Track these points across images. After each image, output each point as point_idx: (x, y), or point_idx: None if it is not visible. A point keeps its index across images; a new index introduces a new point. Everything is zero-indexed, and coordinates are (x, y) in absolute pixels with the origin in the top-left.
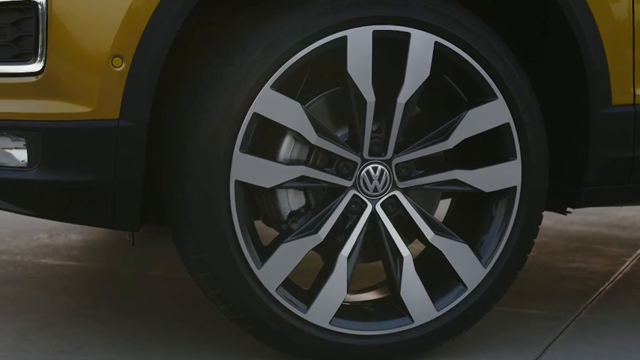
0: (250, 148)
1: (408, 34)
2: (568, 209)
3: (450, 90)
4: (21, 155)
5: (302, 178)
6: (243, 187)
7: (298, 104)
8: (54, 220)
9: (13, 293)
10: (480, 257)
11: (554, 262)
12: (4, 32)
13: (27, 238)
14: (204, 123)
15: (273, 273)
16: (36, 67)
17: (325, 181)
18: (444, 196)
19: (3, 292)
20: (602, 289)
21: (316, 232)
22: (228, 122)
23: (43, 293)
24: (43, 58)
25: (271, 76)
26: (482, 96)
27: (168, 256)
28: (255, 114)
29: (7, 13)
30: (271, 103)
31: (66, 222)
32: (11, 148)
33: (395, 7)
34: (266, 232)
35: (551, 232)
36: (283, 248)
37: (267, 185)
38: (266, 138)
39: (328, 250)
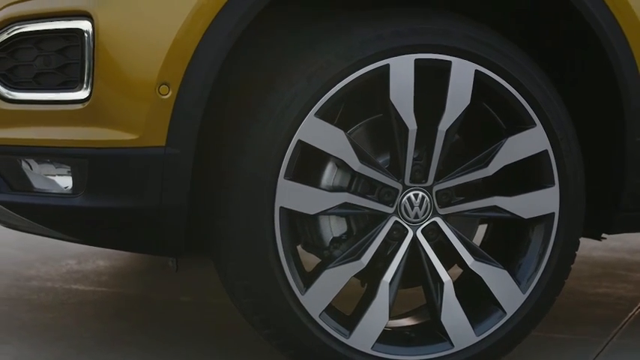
0: (294, 175)
1: (449, 63)
2: (603, 235)
3: (489, 117)
4: (64, 182)
5: (345, 205)
6: (287, 213)
7: (341, 132)
8: (97, 246)
9: (46, 319)
10: (518, 283)
11: (580, 287)
12: (49, 60)
13: (56, 264)
14: (249, 150)
15: (316, 298)
16: (82, 94)
17: (368, 208)
18: (480, 222)
19: (37, 319)
20: (630, 314)
21: (359, 258)
22: (273, 149)
23: (77, 319)
24: (90, 86)
25: (315, 104)
26: (521, 123)
27: (195, 281)
28: (299, 141)
29: (53, 41)
30: (315, 131)
31: (110, 248)
32: (54, 175)
33: (436, 36)
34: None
35: (576, 258)
36: (327, 274)
37: (312, 212)
38: (308, 164)
39: (370, 276)
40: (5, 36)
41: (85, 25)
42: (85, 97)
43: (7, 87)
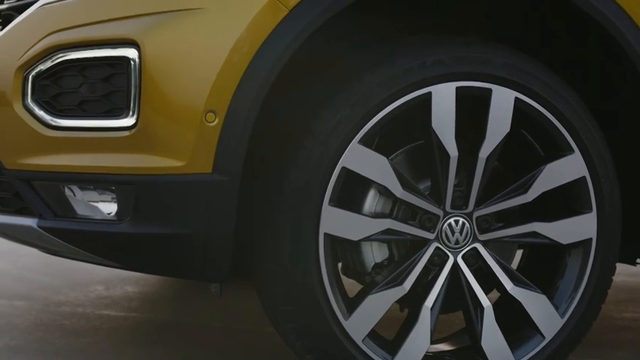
0: (338, 201)
1: (490, 90)
2: (638, 260)
3: (527, 144)
4: (107, 208)
5: (388, 231)
6: (331, 239)
7: (385, 158)
8: (141, 272)
9: (81, 344)
10: (556, 307)
11: (607, 312)
12: (94, 87)
13: (84, 290)
14: (294, 177)
15: (360, 324)
16: (128, 121)
17: (410, 234)
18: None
19: (72, 344)
20: None
21: (401, 283)
22: (318, 176)
23: (112, 344)
24: (136, 113)
25: (359, 131)
26: (559, 150)
27: (223, 306)
28: (343, 168)
29: (98, 69)
30: (359, 158)
31: (154, 274)
32: (97, 201)
33: (477, 64)
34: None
35: None
36: (370, 299)
37: (355, 238)
38: (350, 191)
39: (412, 301)
40: (49, 63)
41: (131, 53)
42: (132, 124)
43: (50, 114)
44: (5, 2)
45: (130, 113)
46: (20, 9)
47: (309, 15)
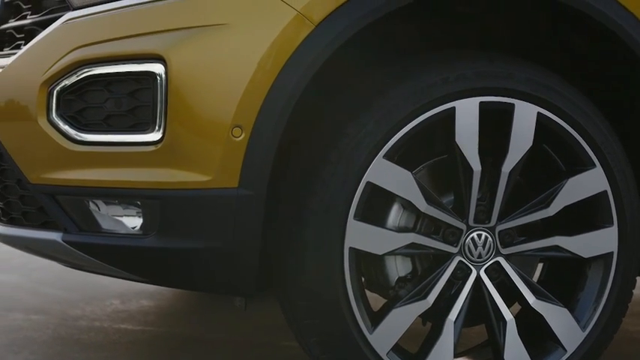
0: (362, 215)
1: (512, 105)
2: None
3: (549, 158)
4: (132, 222)
5: (412, 245)
6: (356, 253)
7: (409, 173)
8: (166, 286)
9: (101, 359)
10: (577, 320)
11: (623, 324)
12: (119, 102)
13: (100, 304)
14: (319, 191)
15: (384, 337)
16: (154, 136)
17: (433, 248)
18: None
19: (91, 358)
20: None
21: (425, 297)
22: (343, 191)
23: (131, 359)
24: (162, 128)
25: (384, 146)
26: (581, 164)
27: (241, 319)
28: (368, 183)
29: (124, 84)
30: (384, 172)
31: (179, 288)
32: (121, 216)
33: (500, 79)
34: None
35: None
36: (394, 313)
37: (380, 252)
38: (374, 205)
39: (435, 315)
40: (74, 78)
41: (157, 68)
42: (158, 139)
43: (75, 128)
44: (28, 17)
45: (156, 128)
46: (44, 24)
47: (334, 30)
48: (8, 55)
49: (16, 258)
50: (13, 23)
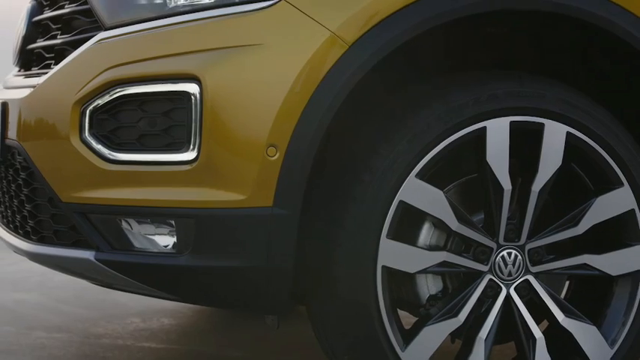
0: (395, 234)
1: (542, 125)
2: None
3: (577, 177)
4: (164, 241)
5: (443, 264)
6: (388, 272)
7: (441, 192)
8: (199, 304)
9: None
10: (605, 338)
11: None
12: (153, 122)
13: (121, 322)
14: (352, 210)
15: (416, 355)
16: (189, 155)
17: (464, 266)
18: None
19: None
20: None
21: (456, 315)
22: (376, 210)
23: None
24: (197, 148)
25: (416, 166)
26: (609, 183)
27: (263, 337)
28: (401, 202)
29: (157, 103)
30: (416, 192)
31: (213, 306)
32: (153, 234)
33: (531, 99)
34: None
35: None
36: (426, 331)
37: (412, 270)
38: (405, 223)
39: (466, 333)
40: (107, 98)
41: (192, 87)
42: (192, 158)
43: (109, 148)
44: (59, 37)
45: (191, 147)
46: (75, 44)
47: (368, 51)
48: (38, 75)
49: (34, 276)
50: (42, 43)
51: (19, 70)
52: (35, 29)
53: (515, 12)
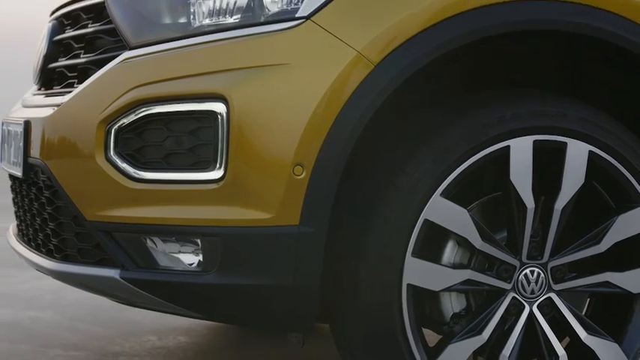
0: (419, 252)
1: (565, 144)
2: None
3: (598, 196)
4: (188, 259)
5: (467, 282)
6: (413, 289)
7: (465, 211)
8: (224, 322)
9: None
10: (627, 354)
11: None
12: (179, 141)
13: (137, 340)
14: (378, 228)
15: None
16: (216, 174)
17: (488, 284)
18: None
19: None
20: None
21: (480, 333)
22: (402, 228)
23: None
24: (224, 166)
25: (441, 184)
26: (630, 201)
27: (279, 354)
28: (426, 220)
29: (183, 122)
30: (441, 210)
31: (237, 324)
32: (178, 253)
33: (554, 118)
34: None
35: None
36: (451, 349)
37: (437, 288)
38: (428, 241)
39: (489, 351)
40: (133, 117)
41: (219, 107)
42: (219, 177)
43: (134, 166)
44: (82, 56)
45: (217, 166)
46: (99, 63)
47: (394, 70)
48: (61, 94)
49: (47, 294)
50: (64, 62)
51: (39, 89)
52: (56, 48)
53: (535, 32)
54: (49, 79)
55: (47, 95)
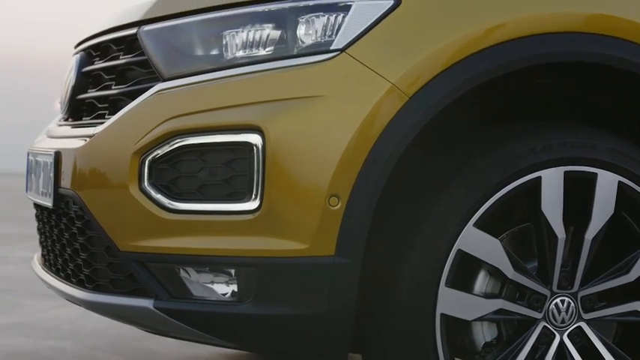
0: (452, 282)
1: (595, 175)
2: None
3: (626, 225)
4: (222, 289)
5: (500, 311)
6: (446, 319)
7: (497, 241)
8: (257, 351)
9: None
10: None
11: None
12: (214, 172)
13: None
14: (412, 259)
15: None
16: (251, 205)
17: (520, 314)
18: None
19: None
20: None
21: None
22: (435, 258)
23: None
24: (260, 197)
25: (474, 215)
26: None
27: None
28: (459, 250)
29: (218, 154)
30: (474, 241)
31: (270, 353)
32: (212, 283)
33: (584, 149)
34: None
35: None
36: None
37: (470, 318)
38: (460, 271)
39: None
40: (167, 148)
41: (255, 138)
42: (254, 208)
43: (168, 197)
44: (114, 87)
45: (253, 197)
46: (131, 94)
47: (428, 102)
48: (91, 125)
49: (65, 324)
50: (94, 93)
51: (66, 120)
52: (85, 79)
53: (562, 64)
54: (78, 109)
55: (75, 126)
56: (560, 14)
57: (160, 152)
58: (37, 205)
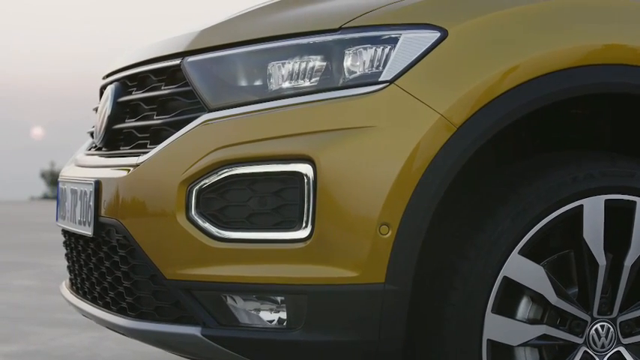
0: (497, 308)
1: (634, 203)
2: None
3: None
4: (269, 316)
5: (543, 337)
6: (492, 345)
7: (541, 268)
8: None
9: None
10: None
11: None
12: (263, 201)
13: None
14: (459, 286)
15: None
16: (302, 234)
17: (562, 339)
18: None
19: None
20: None
21: None
22: (482, 285)
23: None
24: (311, 226)
25: (519, 242)
26: None
27: None
28: (505, 277)
29: (267, 183)
30: (519, 267)
31: None
32: (259, 310)
33: (623, 178)
34: None
35: None
36: None
37: (515, 343)
38: (505, 297)
39: None
40: (215, 178)
41: (305, 168)
42: (305, 236)
43: (216, 226)
44: (156, 117)
45: (303, 225)
46: (175, 124)
47: (475, 132)
48: (133, 154)
49: (80, 351)
50: (134, 123)
51: (99, 149)
52: (121, 109)
53: (599, 95)
54: (114, 139)
55: (112, 155)
56: (611, 45)
57: (207, 182)
58: (66, 232)
